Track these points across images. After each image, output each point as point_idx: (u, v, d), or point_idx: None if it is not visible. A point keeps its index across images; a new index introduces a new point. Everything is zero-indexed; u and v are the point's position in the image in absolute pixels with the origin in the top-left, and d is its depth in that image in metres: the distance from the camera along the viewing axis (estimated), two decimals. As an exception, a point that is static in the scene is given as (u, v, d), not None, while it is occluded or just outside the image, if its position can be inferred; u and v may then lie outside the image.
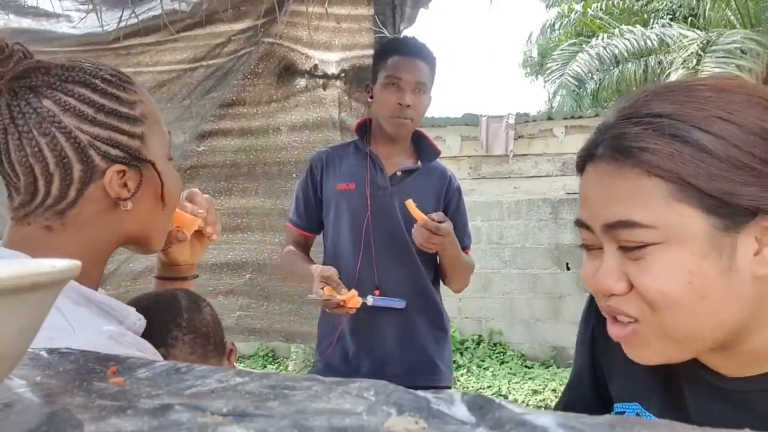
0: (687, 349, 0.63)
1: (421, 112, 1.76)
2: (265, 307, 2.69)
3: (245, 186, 2.65)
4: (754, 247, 0.58)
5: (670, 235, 0.58)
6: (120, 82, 0.78)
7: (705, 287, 0.57)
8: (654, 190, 0.58)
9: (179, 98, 2.37)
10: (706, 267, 0.57)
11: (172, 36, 2.06)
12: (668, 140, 0.58)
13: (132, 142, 0.76)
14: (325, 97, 2.56)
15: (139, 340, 0.76)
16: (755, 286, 0.58)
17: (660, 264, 0.58)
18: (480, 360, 6.08)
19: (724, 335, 0.61)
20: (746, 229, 0.57)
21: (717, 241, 0.57)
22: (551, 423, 0.29)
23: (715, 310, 0.58)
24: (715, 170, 0.56)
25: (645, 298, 0.60)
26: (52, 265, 0.37)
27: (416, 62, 1.73)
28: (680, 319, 0.59)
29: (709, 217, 0.57)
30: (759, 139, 0.57)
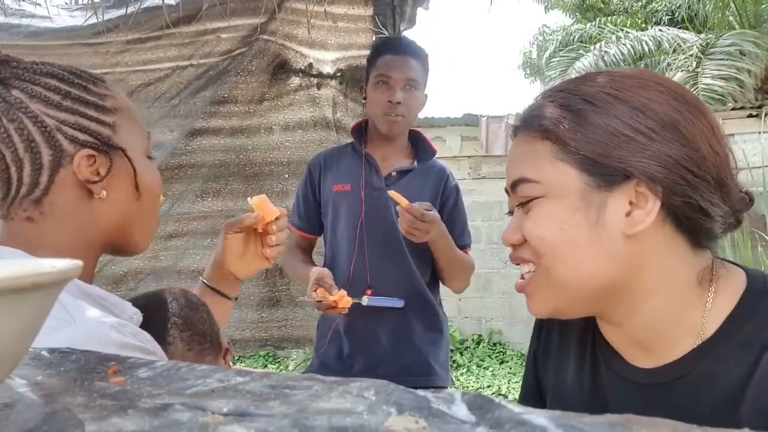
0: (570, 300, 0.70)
1: (413, 109, 1.76)
2: (248, 317, 2.65)
3: (234, 187, 2.61)
4: (625, 208, 0.65)
5: (551, 189, 0.68)
6: (90, 77, 0.80)
7: (575, 236, 0.66)
8: (543, 150, 0.69)
9: (167, 97, 2.35)
10: (577, 218, 0.66)
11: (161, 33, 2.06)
12: (560, 110, 0.68)
13: (101, 129, 0.77)
14: (320, 96, 2.54)
15: (139, 331, 0.76)
16: (628, 244, 0.66)
17: (540, 214, 0.68)
18: (480, 360, 6.08)
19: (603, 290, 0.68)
20: (618, 190, 0.65)
21: (588, 197, 0.66)
22: (551, 422, 0.29)
23: (586, 258, 0.66)
24: (593, 136, 0.66)
25: (530, 244, 0.70)
26: (52, 265, 0.37)
27: (406, 60, 1.73)
28: (557, 264, 0.68)
29: (582, 175, 0.66)
30: (640, 114, 0.65)
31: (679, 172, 0.64)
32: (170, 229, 2.61)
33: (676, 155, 0.64)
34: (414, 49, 1.77)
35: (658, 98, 0.66)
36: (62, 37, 2.00)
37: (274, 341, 2.68)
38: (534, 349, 0.91)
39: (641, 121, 0.65)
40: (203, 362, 1.02)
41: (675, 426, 0.30)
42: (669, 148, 0.64)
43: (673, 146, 0.65)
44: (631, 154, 0.64)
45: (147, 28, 2.05)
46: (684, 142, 0.65)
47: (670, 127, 0.65)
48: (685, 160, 0.64)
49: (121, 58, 2.16)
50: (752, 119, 5.58)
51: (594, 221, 0.66)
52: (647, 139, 0.65)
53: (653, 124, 0.65)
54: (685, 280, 0.68)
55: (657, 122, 0.65)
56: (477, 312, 6.33)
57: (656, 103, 0.66)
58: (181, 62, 2.29)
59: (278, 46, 2.45)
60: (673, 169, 0.64)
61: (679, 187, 0.64)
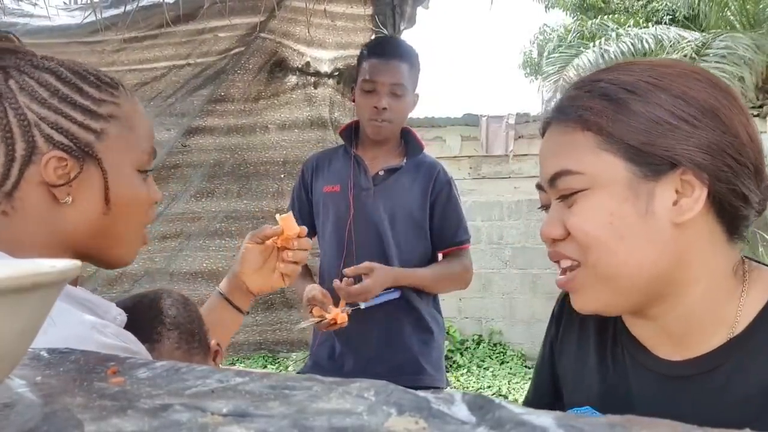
0: (618, 295, 0.68)
1: (400, 114, 1.74)
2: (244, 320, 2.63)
3: (228, 187, 2.58)
4: (672, 197, 0.65)
5: (595, 181, 0.66)
6: (95, 80, 0.78)
7: (624, 227, 0.65)
8: (585, 141, 0.67)
9: (164, 96, 2.34)
10: (625, 209, 0.65)
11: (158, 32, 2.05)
12: (599, 100, 0.67)
13: (81, 133, 0.75)
14: (316, 95, 2.52)
15: (122, 332, 0.75)
16: (675, 233, 0.65)
17: (586, 207, 0.66)
18: (480, 360, 6.08)
19: (652, 282, 0.66)
20: (665, 179, 0.65)
21: (635, 187, 0.65)
22: (551, 423, 0.29)
23: (635, 250, 0.65)
24: (636, 124, 0.65)
25: (576, 239, 0.67)
26: (52, 265, 0.37)
27: (392, 64, 1.71)
28: (605, 258, 0.66)
29: (629, 165, 0.65)
30: (681, 102, 0.65)
31: (723, 158, 0.64)
32: (164, 230, 2.59)
33: (719, 142, 0.64)
34: (400, 51, 1.75)
35: (696, 86, 0.66)
36: (59, 36, 2.00)
37: (268, 345, 2.65)
38: (551, 339, 0.90)
39: (684, 109, 0.65)
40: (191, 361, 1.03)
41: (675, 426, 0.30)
42: (712, 135, 0.64)
43: (716, 133, 0.64)
44: (676, 142, 0.64)
45: (145, 26, 2.05)
46: (724, 129, 0.65)
47: (710, 114, 0.65)
48: (727, 146, 0.64)
49: (117, 56, 2.16)
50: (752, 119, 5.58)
51: (643, 211, 0.65)
52: (691, 126, 0.64)
53: (695, 112, 0.65)
54: (723, 270, 0.68)
55: (698, 110, 0.65)
56: (477, 312, 6.33)
57: (695, 90, 0.66)
58: (178, 61, 2.28)
59: (276, 44, 2.43)
60: (717, 156, 0.64)
61: (724, 174, 0.64)
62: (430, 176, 1.78)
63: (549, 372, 0.91)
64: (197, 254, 2.60)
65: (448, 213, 1.77)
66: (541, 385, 0.94)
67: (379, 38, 2.16)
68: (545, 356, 0.92)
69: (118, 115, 0.79)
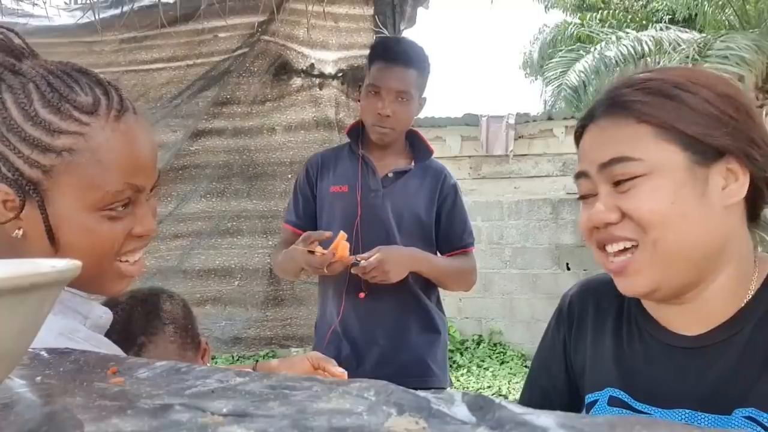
0: (672, 274, 0.73)
1: (404, 120, 1.73)
2: (254, 316, 2.65)
3: (238, 187, 2.61)
4: (722, 183, 0.72)
5: (654, 167, 0.72)
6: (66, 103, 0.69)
7: (685, 207, 0.71)
8: (643, 132, 0.73)
9: (168, 97, 2.35)
10: (685, 192, 0.71)
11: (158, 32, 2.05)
12: (655, 95, 0.74)
13: (27, 169, 0.68)
14: (322, 96, 2.53)
15: (93, 336, 0.74)
16: (724, 215, 0.72)
17: (647, 190, 0.72)
18: (480, 360, 6.07)
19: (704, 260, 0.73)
20: (716, 166, 0.72)
21: (692, 172, 0.72)
22: (551, 423, 0.29)
23: (694, 229, 0.72)
24: (692, 117, 0.72)
25: (637, 220, 0.72)
26: (51, 266, 0.37)
27: (399, 70, 1.68)
28: (668, 236, 0.72)
29: (686, 153, 0.72)
30: (726, 100, 0.73)
31: (758, 149, 0.72)
32: (175, 230, 2.61)
33: (756, 135, 0.73)
34: (409, 56, 1.71)
35: (730, 89, 0.75)
36: (59, 36, 1.99)
37: (278, 339, 2.69)
38: (563, 331, 0.93)
39: (726, 105, 0.72)
40: (184, 356, 1.06)
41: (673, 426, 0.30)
42: (750, 129, 0.73)
43: (752, 127, 0.73)
44: (726, 134, 0.71)
45: (145, 27, 2.05)
46: (753, 124, 0.74)
47: (744, 111, 0.73)
48: (759, 138, 0.73)
49: (115, 57, 2.16)
50: (753, 119, 5.59)
51: (701, 193, 0.71)
52: (733, 120, 0.72)
53: (733, 109, 0.73)
54: (750, 250, 0.77)
55: (735, 107, 0.73)
56: (477, 312, 6.33)
57: (729, 90, 0.75)
58: (180, 62, 2.28)
59: (280, 47, 2.44)
60: (754, 147, 0.72)
61: (760, 162, 0.72)
62: (437, 180, 1.78)
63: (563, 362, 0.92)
64: (209, 252, 2.63)
65: (454, 217, 1.77)
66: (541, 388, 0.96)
67: (388, 39, 2.08)
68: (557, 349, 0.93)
69: (77, 148, 0.69)
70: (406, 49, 1.74)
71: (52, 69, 0.71)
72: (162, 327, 1.03)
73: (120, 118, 0.72)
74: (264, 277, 2.64)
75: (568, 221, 6.13)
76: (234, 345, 2.70)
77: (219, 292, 2.64)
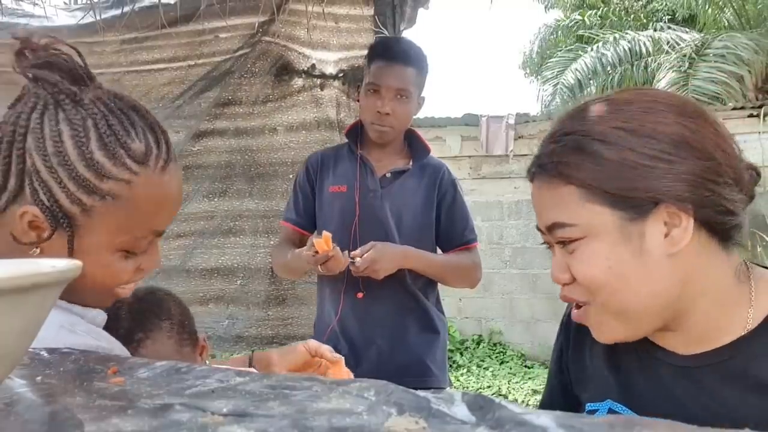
0: (636, 326, 0.72)
1: (403, 118, 1.73)
2: (256, 314, 2.66)
3: (240, 187, 2.62)
4: (663, 231, 0.68)
5: (588, 230, 0.70)
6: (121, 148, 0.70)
7: (623, 270, 0.69)
8: (571, 195, 0.70)
9: (170, 98, 2.35)
10: (621, 252, 0.69)
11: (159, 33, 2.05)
12: (574, 153, 0.70)
13: (67, 203, 0.69)
14: (323, 97, 2.54)
15: (94, 329, 0.75)
16: (673, 263, 0.68)
17: (586, 254, 0.70)
18: (480, 360, 6.07)
19: (664, 309, 0.70)
20: (652, 216, 0.68)
21: (626, 230, 0.68)
22: (551, 423, 0.29)
23: (639, 288, 0.69)
24: (612, 172, 0.68)
25: (582, 285, 0.71)
26: (52, 266, 0.37)
27: (398, 68, 1.68)
28: (612, 300, 0.70)
29: (615, 212, 0.68)
30: (652, 140, 0.67)
31: (702, 185, 0.67)
32: (178, 229, 2.62)
33: (695, 171, 0.67)
34: (408, 55, 1.72)
35: (663, 119, 0.69)
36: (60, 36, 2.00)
37: (280, 339, 2.70)
38: (561, 345, 0.93)
39: (655, 147, 0.67)
40: (181, 352, 1.07)
41: (674, 426, 0.30)
42: (688, 166, 0.67)
43: (691, 162, 0.67)
44: (655, 181, 0.67)
45: (146, 27, 2.05)
46: (698, 155, 0.67)
47: (683, 145, 0.67)
48: (704, 172, 0.67)
49: (116, 58, 2.16)
50: (752, 119, 5.58)
51: (638, 251, 0.68)
52: (665, 163, 0.67)
53: (667, 147, 0.67)
54: (725, 279, 0.72)
55: (669, 144, 0.67)
56: (477, 312, 6.33)
57: (663, 124, 0.68)
58: (181, 63, 2.29)
59: (281, 48, 2.45)
60: (696, 185, 0.67)
61: (706, 198, 0.67)
62: (435, 178, 1.78)
63: (558, 379, 0.93)
64: (212, 252, 2.64)
65: (454, 213, 1.77)
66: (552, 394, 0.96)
67: (388, 39, 2.10)
68: (554, 363, 0.94)
69: (120, 194, 0.70)
70: (404, 48, 1.75)
71: (111, 107, 0.72)
72: (159, 323, 1.04)
73: (165, 169, 0.74)
74: (266, 276, 2.65)
75: (568, 221, 6.14)
76: (236, 344, 2.71)
77: (222, 291, 2.66)
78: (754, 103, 6.10)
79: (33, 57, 0.71)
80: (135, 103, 0.75)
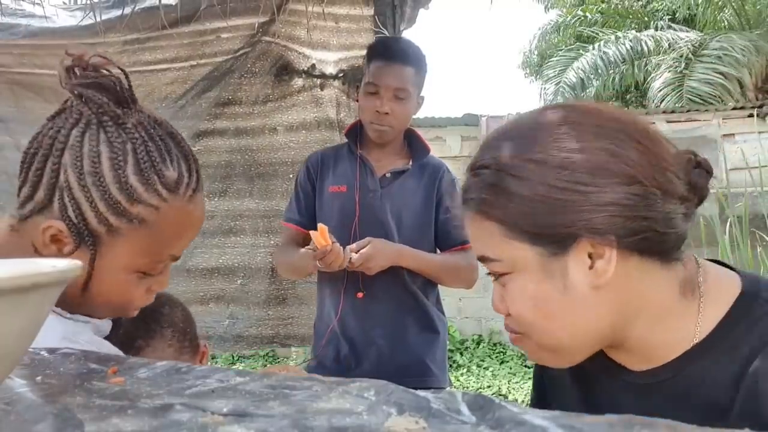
0: (570, 358, 0.70)
1: (402, 118, 1.72)
2: (256, 314, 2.67)
3: (240, 187, 2.63)
4: (587, 263, 0.64)
5: (513, 265, 0.67)
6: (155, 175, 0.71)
7: (548, 308, 0.66)
8: (493, 230, 0.67)
9: (173, 98, 2.36)
10: (545, 289, 0.65)
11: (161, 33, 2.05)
12: (490, 189, 0.67)
13: (94, 223, 0.70)
14: (323, 97, 2.54)
15: (97, 340, 0.76)
16: (601, 295, 0.65)
17: (513, 290, 0.68)
18: (480, 360, 6.07)
19: (597, 340, 0.68)
20: (574, 250, 0.64)
21: (548, 266, 0.65)
22: (550, 422, 0.29)
23: (567, 323, 0.66)
24: (527, 209, 0.64)
25: (514, 318, 0.69)
26: (52, 265, 0.37)
27: (397, 68, 1.68)
28: (542, 335, 0.68)
29: (535, 248, 0.65)
30: (564, 171, 0.62)
31: (623, 213, 0.62)
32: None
33: (617, 199, 0.62)
34: (407, 54, 1.72)
35: (576, 146, 0.63)
36: (62, 37, 2.00)
37: (280, 338, 2.71)
38: None
39: (569, 179, 0.62)
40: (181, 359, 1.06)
41: (673, 426, 0.30)
42: (607, 195, 0.62)
43: (609, 190, 0.62)
44: (573, 215, 0.62)
45: (147, 28, 2.05)
46: (618, 180, 0.62)
47: (599, 171, 0.62)
48: (625, 199, 0.62)
49: (119, 58, 2.17)
50: (752, 119, 5.58)
51: (562, 288, 0.65)
52: (581, 195, 0.62)
53: (582, 177, 0.62)
54: (665, 297, 0.67)
55: (585, 172, 0.62)
56: (477, 312, 6.33)
57: (576, 152, 0.63)
58: (183, 63, 2.29)
59: (281, 48, 2.46)
60: (617, 214, 0.62)
61: (630, 225, 0.62)
62: (435, 177, 1.78)
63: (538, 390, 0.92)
64: (212, 251, 2.64)
65: (452, 213, 1.77)
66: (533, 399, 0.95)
67: (386, 39, 2.10)
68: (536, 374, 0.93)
69: (148, 219, 0.72)
70: (403, 48, 1.75)
71: (151, 133, 0.73)
72: (160, 330, 1.03)
73: (192, 198, 0.76)
74: (266, 276, 2.66)
75: (567, 221, 6.15)
76: (236, 343, 2.72)
77: (222, 291, 2.66)
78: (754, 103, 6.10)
79: (82, 76, 0.72)
80: (172, 130, 0.77)
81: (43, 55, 2.07)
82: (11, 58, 2.10)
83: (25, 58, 2.07)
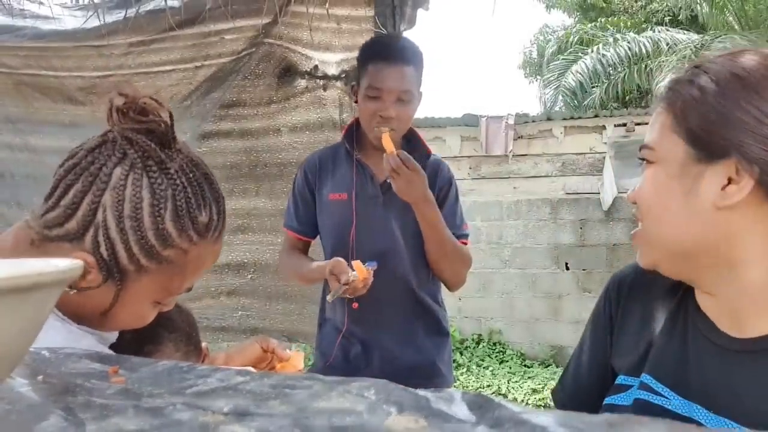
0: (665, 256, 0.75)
1: (406, 120, 1.68)
2: (267, 307, 2.73)
3: (246, 187, 2.67)
4: (722, 182, 0.68)
5: (660, 157, 0.73)
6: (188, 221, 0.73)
7: (668, 201, 0.72)
8: (666, 120, 0.73)
9: (178, 99, 2.37)
10: (672, 185, 0.72)
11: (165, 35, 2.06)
12: (687, 85, 0.72)
13: (125, 261, 0.72)
14: (326, 97, 2.56)
15: (97, 345, 0.76)
16: (718, 215, 0.69)
17: (648, 177, 0.75)
18: (480, 359, 6.08)
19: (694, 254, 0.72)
20: (718, 165, 0.68)
21: (687, 167, 0.71)
22: (550, 422, 0.29)
23: (675, 223, 0.72)
24: (704, 111, 0.69)
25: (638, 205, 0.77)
26: (53, 265, 0.37)
27: (399, 69, 1.62)
28: (651, 225, 0.75)
29: (687, 147, 0.71)
30: (756, 97, 0.67)
31: None
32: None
33: None
34: (407, 54, 1.67)
35: None
36: (68, 39, 2.01)
37: (288, 333, 2.77)
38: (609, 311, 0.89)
39: (755, 105, 0.67)
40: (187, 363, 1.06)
41: (673, 426, 0.30)
42: None
43: None
44: (735, 131, 0.67)
45: (152, 30, 2.06)
46: None
47: None
48: None
49: (124, 60, 2.18)
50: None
51: (687, 190, 0.70)
52: (753, 118, 0.67)
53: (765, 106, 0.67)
54: None
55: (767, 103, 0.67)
56: (477, 312, 6.33)
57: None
58: (188, 64, 2.31)
59: (284, 50, 2.48)
60: None
61: None
62: (434, 175, 1.74)
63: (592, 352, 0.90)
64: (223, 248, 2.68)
65: (448, 208, 1.74)
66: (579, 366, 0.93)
67: (382, 38, 2.04)
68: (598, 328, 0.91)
69: (175, 261, 0.74)
70: (402, 47, 1.69)
71: (190, 177, 0.74)
72: (167, 336, 1.04)
73: (217, 239, 0.78)
74: (274, 272, 2.71)
75: (567, 221, 6.14)
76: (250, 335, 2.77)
77: (233, 285, 2.73)
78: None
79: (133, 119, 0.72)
80: (207, 171, 0.79)
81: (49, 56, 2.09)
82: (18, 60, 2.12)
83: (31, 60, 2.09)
